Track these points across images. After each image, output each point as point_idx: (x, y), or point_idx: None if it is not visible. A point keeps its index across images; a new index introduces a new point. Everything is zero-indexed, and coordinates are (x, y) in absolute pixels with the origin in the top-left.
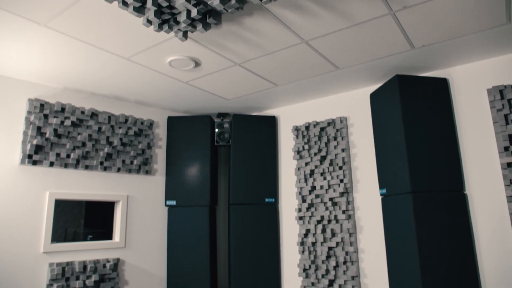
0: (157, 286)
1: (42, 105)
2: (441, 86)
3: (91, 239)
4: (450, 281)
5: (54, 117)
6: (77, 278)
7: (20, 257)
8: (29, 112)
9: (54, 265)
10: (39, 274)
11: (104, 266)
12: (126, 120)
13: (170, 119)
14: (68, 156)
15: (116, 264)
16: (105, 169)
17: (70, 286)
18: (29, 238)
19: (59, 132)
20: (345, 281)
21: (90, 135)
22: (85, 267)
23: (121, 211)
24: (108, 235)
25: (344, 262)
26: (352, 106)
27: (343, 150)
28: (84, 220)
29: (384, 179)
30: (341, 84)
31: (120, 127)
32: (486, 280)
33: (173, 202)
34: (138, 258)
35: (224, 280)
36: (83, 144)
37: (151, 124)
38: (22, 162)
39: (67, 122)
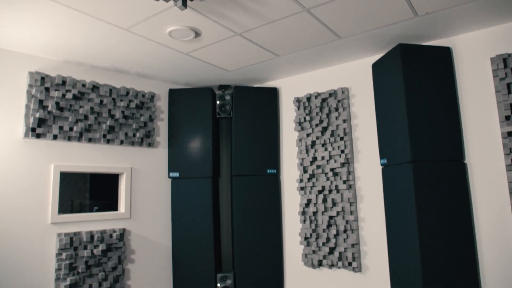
0: (163, 254)
1: (43, 78)
2: (444, 55)
3: (97, 211)
4: (448, 249)
5: (56, 90)
6: (85, 248)
7: (29, 227)
8: (30, 86)
9: (62, 235)
10: (48, 243)
11: (111, 236)
12: (127, 93)
13: (171, 92)
14: (71, 129)
15: (122, 234)
16: (108, 142)
17: (78, 255)
18: (36, 210)
19: (61, 105)
20: (345, 248)
21: (92, 108)
22: (92, 237)
23: (125, 183)
24: (113, 207)
25: (345, 231)
26: (354, 77)
27: (344, 121)
28: (89, 192)
29: (384, 149)
30: (343, 54)
31: (121, 100)
32: (483, 248)
33: (176, 174)
34: (143, 228)
35: (227, 249)
36: (86, 117)
37: (152, 97)
38: (26, 135)
39: (69, 95)
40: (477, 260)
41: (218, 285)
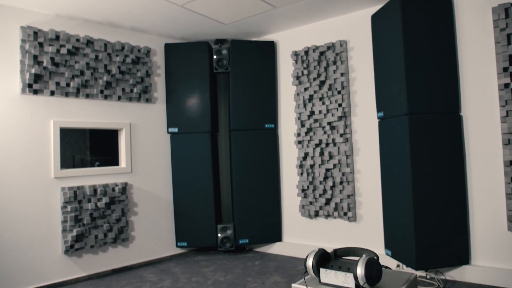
0: (165, 207)
1: (35, 33)
2: (445, 5)
3: (98, 166)
4: (440, 197)
5: (49, 45)
6: (89, 201)
7: (33, 182)
8: (23, 41)
9: (66, 189)
10: (53, 197)
11: (113, 189)
12: (123, 48)
13: (167, 46)
14: (68, 85)
15: (125, 188)
16: (105, 97)
17: (83, 208)
18: (39, 165)
19: (56, 61)
20: (341, 199)
21: (87, 64)
22: (95, 190)
23: (125, 138)
24: (115, 162)
25: (341, 182)
26: (352, 29)
27: (342, 74)
28: (90, 148)
29: (381, 102)
30: (341, 5)
31: (117, 55)
32: (474, 196)
33: (175, 129)
34: (145, 182)
35: (227, 201)
36: (82, 73)
37: (148, 52)
38: (23, 91)
39: (63, 50)
40: (467, 208)
41: (219, 235)
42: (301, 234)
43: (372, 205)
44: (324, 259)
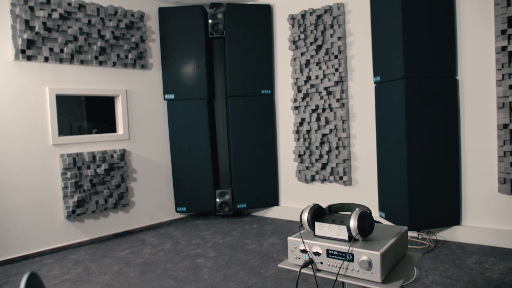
0: (163, 173)
1: None
2: None
3: (96, 133)
4: (433, 160)
5: (41, 9)
6: (88, 167)
7: (32, 149)
8: (13, 4)
9: (65, 156)
10: (52, 164)
11: (112, 156)
12: (116, 12)
13: (161, 11)
14: (61, 50)
15: (123, 154)
16: (100, 63)
17: (82, 174)
18: (37, 132)
19: (48, 26)
20: (336, 164)
21: (80, 29)
22: (94, 157)
23: (121, 105)
24: (112, 129)
25: (337, 147)
26: None
27: (339, 38)
28: (86, 115)
29: (378, 66)
30: None
31: (110, 20)
32: (467, 160)
33: (172, 96)
34: (143, 149)
35: (225, 167)
36: (75, 38)
37: (142, 16)
38: (16, 57)
39: (55, 15)
40: (460, 171)
41: (217, 200)
42: (298, 198)
43: (367, 169)
44: (319, 214)
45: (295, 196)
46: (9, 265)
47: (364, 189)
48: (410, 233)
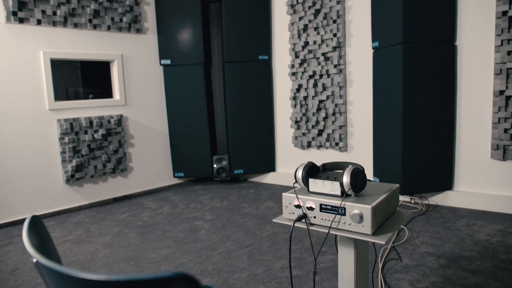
0: (161, 139)
1: None
2: None
3: (92, 98)
4: (429, 126)
5: None
6: (86, 132)
7: (28, 114)
8: None
9: (62, 121)
10: (50, 129)
11: (109, 121)
12: None
13: None
14: (54, 13)
15: (120, 120)
16: (94, 27)
17: (80, 139)
18: (33, 97)
19: None
20: (333, 130)
21: None
22: (91, 122)
23: (117, 70)
24: (108, 95)
25: (333, 114)
26: None
27: (338, 2)
28: (82, 81)
29: (377, 31)
30: None
31: None
32: (461, 126)
33: (168, 61)
34: (140, 115)
35: (222, 133)
36: (68, 0)
37: None
38: (8, 20)
39: None
40: (454, 137)
41: (215, 166)
42: (294, 164)
43: (363, 135)
44: (313, 171)
45: (291, 162)
46: (11, 227)
47: (359, 155)
48: (403, 198)
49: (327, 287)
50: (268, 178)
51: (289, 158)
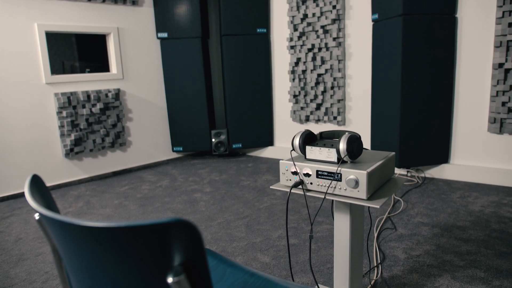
0: (159, 113)
1: None
2: None
3: (89, 72)
4: (427, 99)
5: None
6: (83, 106)
7: (25, 88)
8: None
9: (59, 95)
10: (47, 103)
11: (107, 95)
12: None
13: None
14: None
15: (118, 94)
16: None
17: (78, 113)
18: (29, 71)
19: None
20: (331, 104)
21: None
22: (88, 96)
23: (113, 43)
24: (105, 68)
25: (332, 87)
26: None
27: None
28: (78, 55)
29: (377, 3)
30: None
31: None
32: (460, 99)
33: (165, 35)
34: (137, 89)
35: (220, 107)
36: None
37: None
38: None
39: None
40: (452, 110)
41: (213, 140)
42: (292, 138)
43: (361, 109)
44: (310, 139)
45: (289, 137)
46: (12, 200)
47: (357, 129)
48: (399, 171)
49: (323, 254)
50: (267, 152)
51: (287, 132)
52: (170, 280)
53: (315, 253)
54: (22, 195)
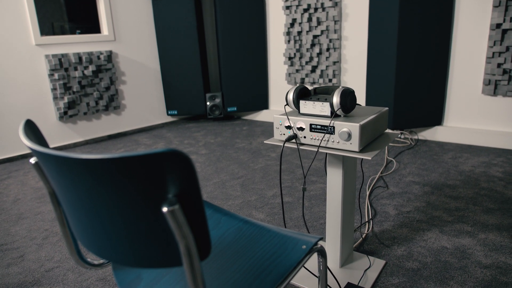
0: (153, 76)
1: None
2: None
3: (80, 34)
4: (422, 61)
5: None
6: (75, 69)
7: (14, 49)
8: None
9: (50, 56)
10: (38, 65)
11: (99, 57)
12: None
13: None
14: None
15: (110, 56)
16: None
17: (70, 75)
18: (17, 31)
19: None
20: (327, 66)
21: None
22: (80, 58)
23: (103, 3)
24: (96, 30)
25: (327, 49)
26: None
27: None
28: (68, 15)
29: None
30: None
31: None
32: (455, 61)
33: None
34: (130, 51)
35: (215, 70)
36: None
37: None
38: None
39: None
40: (448, 72)
41: (208, 103)
42: None
43: (357, 71)
44: (304, 93)
45: (284, 100)
46: (9, 163)
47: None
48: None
49: (316, 211)
50: (261, 116)
51: (282, 96)
52: (165, 209)
53: (308, 209)
54: (18, 158)
